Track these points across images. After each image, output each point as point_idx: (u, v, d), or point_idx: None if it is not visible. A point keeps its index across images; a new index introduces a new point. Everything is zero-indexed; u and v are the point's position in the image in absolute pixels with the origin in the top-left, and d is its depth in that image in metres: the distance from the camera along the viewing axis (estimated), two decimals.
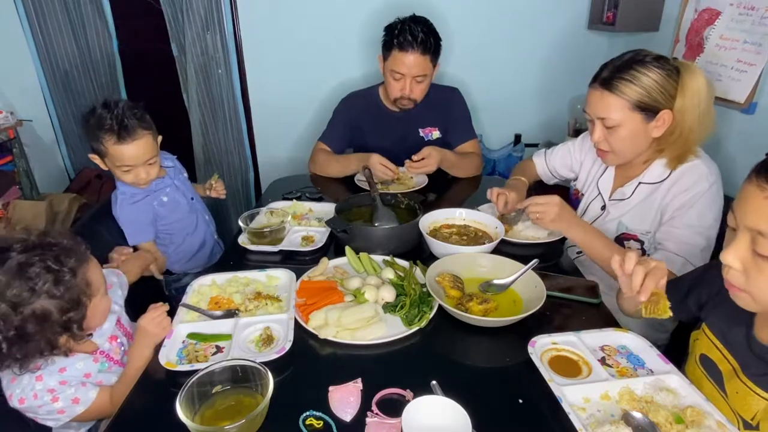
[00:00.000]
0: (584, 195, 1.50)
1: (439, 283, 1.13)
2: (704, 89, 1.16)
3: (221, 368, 0.84)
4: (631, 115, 1.19)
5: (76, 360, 0.99)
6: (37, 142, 2.77)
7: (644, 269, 0.86)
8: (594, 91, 1.23)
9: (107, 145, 1.33)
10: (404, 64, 1.73)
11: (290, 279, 1.19)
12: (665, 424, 0.77)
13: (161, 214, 1.53)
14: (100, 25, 2.57)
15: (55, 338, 0.89)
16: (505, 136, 2.83)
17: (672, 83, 1.16)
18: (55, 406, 0.93)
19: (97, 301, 0.96)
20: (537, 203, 1.26)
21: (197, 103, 2.68)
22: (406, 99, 1.82)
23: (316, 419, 0.81)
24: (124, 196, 1.46)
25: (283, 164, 2.83)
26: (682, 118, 1.18)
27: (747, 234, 0.71)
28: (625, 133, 1.22)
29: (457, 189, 1.86)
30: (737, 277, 0.74)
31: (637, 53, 1.19)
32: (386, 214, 1.43)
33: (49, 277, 0.86)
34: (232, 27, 2.54)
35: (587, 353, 0.94)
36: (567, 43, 2.64)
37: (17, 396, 0.92)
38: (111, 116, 1.31)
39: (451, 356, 0.99)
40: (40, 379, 0.93)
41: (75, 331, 0.90)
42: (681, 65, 1.18)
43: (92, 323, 0.98)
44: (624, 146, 1.25)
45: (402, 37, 1.69)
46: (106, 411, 1.00)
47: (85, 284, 0.91)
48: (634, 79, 1.16)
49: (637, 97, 1.17)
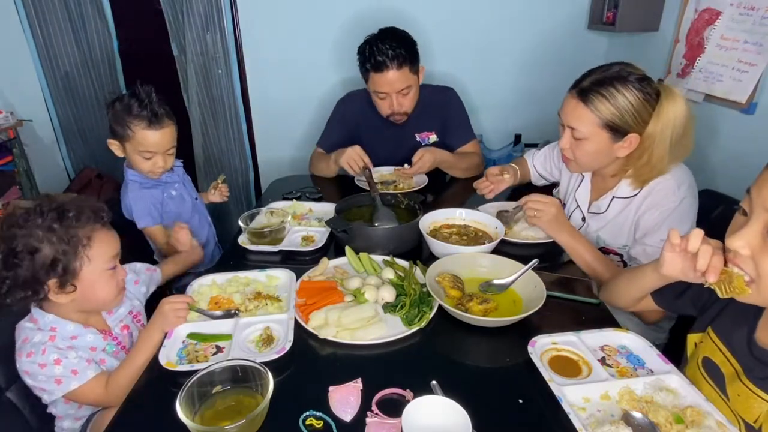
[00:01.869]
0: (566, 205, 1.51)
1: (439, 283, 1.13)
2: (680, 118, 1.14)
3: (221, 368, 0.84)
4: (599, 131, 1.19)
5: (87, 332, 1.04)
6: (37, 142, 2.77)
7: (711, 247, 0.78)
8: (570, 99, 1.23)
9: (135, 129, 1.38)
10: (384, 84, 1.72)
11: (290, 279, 1.19)
12: (665, 424, 0.77)
13: (168, 207, 1.54)
14: (100, 25, 2.58)
15: (40, 276, 0.93)
16: (505, 136, 2.83)
17: (648, 109, 1.15)
18: (56, 370, 0.95)
19: (98, 270, 0.99)
20: (537, 200, 1.25)
21: (197, 103, 2.68)
22: (397, 114, 1.81)
23: (316, 419, 0.81)
24: (134, 183, 1.49)
25: (283, 164, 2.83)
26: (651, 144, 1.17)
27: (762, 217, 0.70)
28: (590, 147, 1.23)
29: (457, 189, 1.86)
30: (745, 263, 0.73)
31: (622, 68, 1.17)
32: (386, 214, 1.43)
33: (54, 216, 0.94)
34: (232, 27, 2.54)
35: (587, 353, 0.94)
36: (567, 43, 2.64)
37: (26, 351, 0.96)
38: (143, 103, 1.37)
39: (451, 356, 0.99)
40: (53, 339, 0.98)
41: (60, 277, 0.94)
42: (663, 90, 1.16)
43: (92, 293, 1.01)
44: (586, 159, 1.27)
45: (373, 59, 1.68)
46: (98, 398, 1.00)
47: (86, 238, 0.97)
48: (610, 97, 1.15)
49: (609, 117, 1.16)
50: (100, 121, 2.78)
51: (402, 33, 1.74)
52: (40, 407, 1.06)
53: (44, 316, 1.01)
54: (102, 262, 1.00)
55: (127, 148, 1.43)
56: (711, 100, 1.87)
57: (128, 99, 1.38)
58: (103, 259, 1.00)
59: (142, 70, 2.76)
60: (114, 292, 1.05)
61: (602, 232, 1.35)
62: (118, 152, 1.45)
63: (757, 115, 1.69)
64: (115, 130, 1.41)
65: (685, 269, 0.84)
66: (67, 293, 0.97)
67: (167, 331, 1.01)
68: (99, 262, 0.99)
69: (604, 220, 1.34)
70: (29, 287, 0.94)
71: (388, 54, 1.66)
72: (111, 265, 1.02)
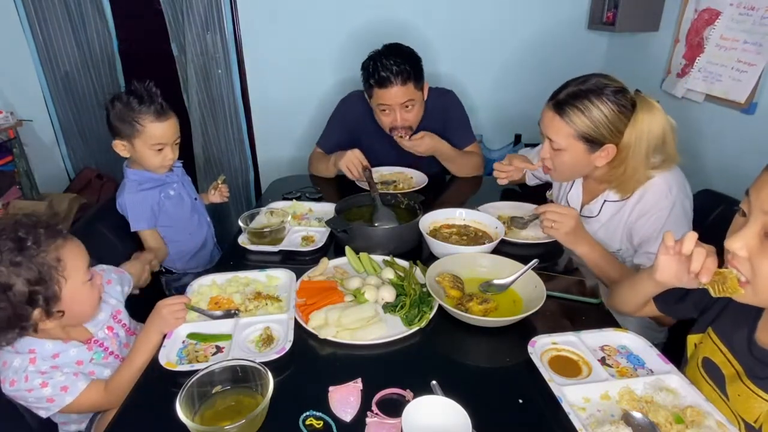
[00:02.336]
0: None
1: (439, 283, 1.13)
2: (657, 128, 1.15)
3: (221, 368, 0.84)
4: (575, 143, 1.21)
5: (69, 347, 1.00)
6: (37, 142, 2.77)
7: (705, 250, 0.80)
8: (547, 111, 1.25)
9: (145, 123, 1.38)
10: (388, 98, 1.71)
11: (290, 279, 1.19)
12: (665, 424, 0.77)
13: (166, 208, 1.53)
14: (100, 25, 2.58)
15: (24, 311, 0.88)
16: (505, 136, 2.83)
17: (623, 120, 1.17)
18: (44, 392, 0.93)
19: (77, 285, 0.95)
20: (555, 212, 1.22)
21: (197, 103, 2.68)
22: (400, 128, 1.79)
23: (316, 419, 0.81)
24: (132, 183, 1.48)
25: (283, 164, 2.83)
26: (627, 154, 1.19)
27: (760, 219, 0.70)
28: (567, 158, 1.25)
29: (458, 189, 1.86)
30: (742, 265, 0.73)
31: (599, 80, 1.19)
32: (386, 214, 1.43)
33: (11, 246, 0.86)
34: (232, 27, 2.54)
35: (587, 353, 0.94)
36: (567, 43, 2.64)
37: (9, 378, 0.92)
38: (148, 96, 1.38)
39: (451, 356, 0.99)
40: (33, 362, 0.94)
41: (44, 307, 0.90)
42: (639, 101, 1.18)
43: (76, 309, 0.97)
44: (564, 169, 1.30)
45: (377, 75, 1.67)
46: (99, 403, 0.99)
47: (55, 260, 0.90)
48: (585, 110, 1.17)
49: (584, 129, 1.19)
50: (100, 121, 2.76)
51: (407, 49, 1.74)
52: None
53: (19, 339, 0.93)
54: (79, 276, 0.95)
55: (136, 145, 1.42)
56: (711, 100, 1.87)
57: (128, 96, 1.37)
58: (79, 273, 0.95)
59: (142, 70, 2.74)
60: (97, 299, 1.02)
61: (596, 236, 1.34)
62: (124, 153, 1.44)
63: (756, 115, 1.69)
64: (120, 130, 1.40)
65: (680, 273, 0.85)
66: (56, 319, 0.93)
67: (166, 333, 1.01)
68: (76, 277, 0.94)
69: (598, 223, 1.34)
70: (15, 325, 0.88)
71: (393, 70, 1.65)
72: (88, 276, 0.98)
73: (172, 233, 1.59)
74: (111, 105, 1.39)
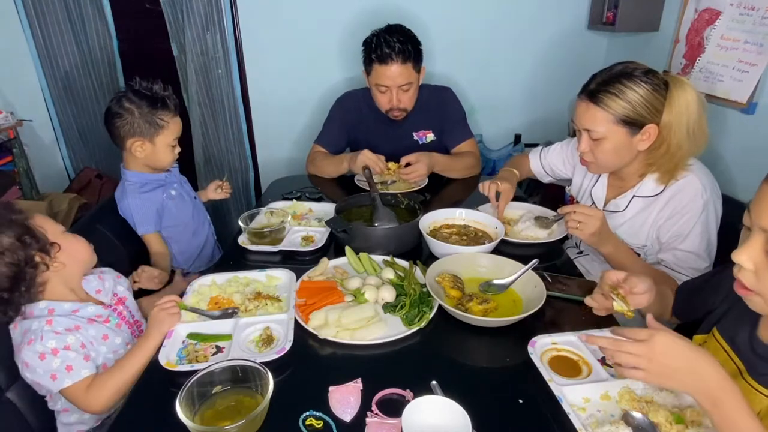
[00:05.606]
0: (579, 202, 1.50)
1: (439, 283, 1.13)
2: (693, 104, 1.15)
3: (221, 368, 0.84)
4: (616, 128, 1.19)
5: (87, 305, 1.07)
6: (37, 142, 2.77)
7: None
8: (581, 103, 1.24)
9: (168, 119, 1.43)
10: (387, 77, 1.73)
11: (290, 279, 1.19)
12: (665, 424, 0.77)
13: (168, 208, 1.54)
14: (100, 25, 2.57)
15: (20, 259, 0.95)
16: (504, 136, 2.83)
17: (659, 98, 1.16)
18: (53, 363, 0.95)
19: (57, 235, 1.04)
20: (581, 212, 1.20)
21: (197, 103, 2.68)
22: (396, 110, 1.82)
23: (316, 419, 0.81)
24: (133, 186, 1.48)
25: (283, 164, 2.83)
26: (669, 133, 1.17)
27: (761, 234, 0.70)
28: (609, 146, 1.22)
29: (457, 189, 1.86)
30: (749, 277, 0.73)
31: (626, 66, 1.19)
32: (386, 214, 1.43)
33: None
34: (232, 27, 2.54)
35: (587, 353, 0.94)
36: (567, 43, 2.64)
37: (27, 339, 0.95)
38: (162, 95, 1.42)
39: (451, 356, 0.99)
40: (50, 323, 0.98)
41: (38, 248, 0.97)
42: (671, 80, 1.17)
43: (71, 250, 1.05)
44: (608, 158, 1.26)
45: (379, 50, 1.69)
46: (77, 400, 0.98)
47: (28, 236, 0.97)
48: (620, 93, 1.16)
49: (622, 112, 1.17)
50: (100, 121, 2.77)
51: (409, 31, 1.76)
52: (40, 407, 1.06)
53: (37, 305, 1.01)
54: (55, 228, 1.04)
55: (158, 143, 1.43)
56: (711, 100, 1.87)
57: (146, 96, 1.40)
58: (53, 226, 1.04)
59: (142, 70, 2.74)
60: (87, 246, 1.09)
61: (619, 230, 1.33)
62: (141, 153, 1.43)
63: (757, 115, 1.69)
64: (141, 130, 1.40)
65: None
66: (58, 269, 1.01)
67: (166, 333, 1.01)
68: (54, 229, 1.04)
69: (623, 218, 1.33)
70: (20, 279, 0.95)
71: (395, 47, 1.68)
72: (61, 229, 1.06)
73: (177, 233, 1.59)
74: (128, 108, 1.38)
